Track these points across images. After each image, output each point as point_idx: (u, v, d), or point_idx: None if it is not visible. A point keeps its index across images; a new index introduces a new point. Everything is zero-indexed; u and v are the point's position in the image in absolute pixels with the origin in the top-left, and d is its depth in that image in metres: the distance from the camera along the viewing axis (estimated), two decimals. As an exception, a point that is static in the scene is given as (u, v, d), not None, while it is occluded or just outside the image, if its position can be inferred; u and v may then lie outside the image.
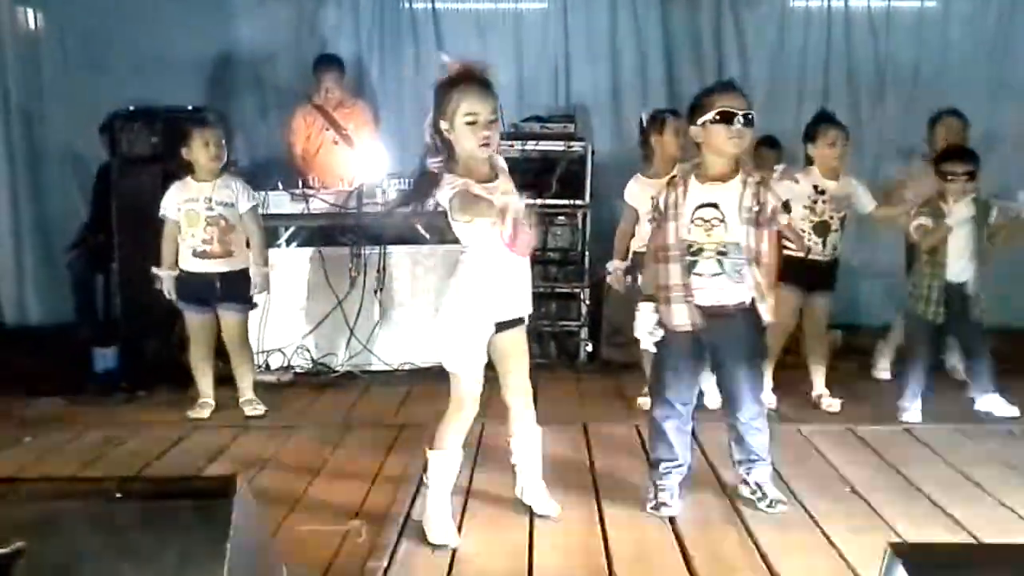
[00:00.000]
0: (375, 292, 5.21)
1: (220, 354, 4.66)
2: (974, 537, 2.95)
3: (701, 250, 3.13)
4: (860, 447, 4.01)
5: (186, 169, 4.50)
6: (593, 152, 5.75)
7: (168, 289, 4.48)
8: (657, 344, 3.24)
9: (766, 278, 3.19)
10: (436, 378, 4.51)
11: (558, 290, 5.73)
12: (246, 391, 4.62)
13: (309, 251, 5.36)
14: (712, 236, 3.12)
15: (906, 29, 6.70)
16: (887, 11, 6.70)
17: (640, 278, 4.36)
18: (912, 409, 4.38)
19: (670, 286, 3.17)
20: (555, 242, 5.75)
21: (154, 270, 4.48)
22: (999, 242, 4.40)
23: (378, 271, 5.27)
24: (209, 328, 4.55)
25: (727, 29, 6.75)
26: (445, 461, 3.08)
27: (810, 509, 3.25)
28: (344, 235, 5.32)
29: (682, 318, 3.16)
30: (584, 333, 5.71)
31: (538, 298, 5.59)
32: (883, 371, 5.24)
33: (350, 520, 3.12)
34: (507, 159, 5.41)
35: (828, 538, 2.99)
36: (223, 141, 4.49)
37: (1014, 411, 4.35)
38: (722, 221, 3.11)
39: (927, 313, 4.35)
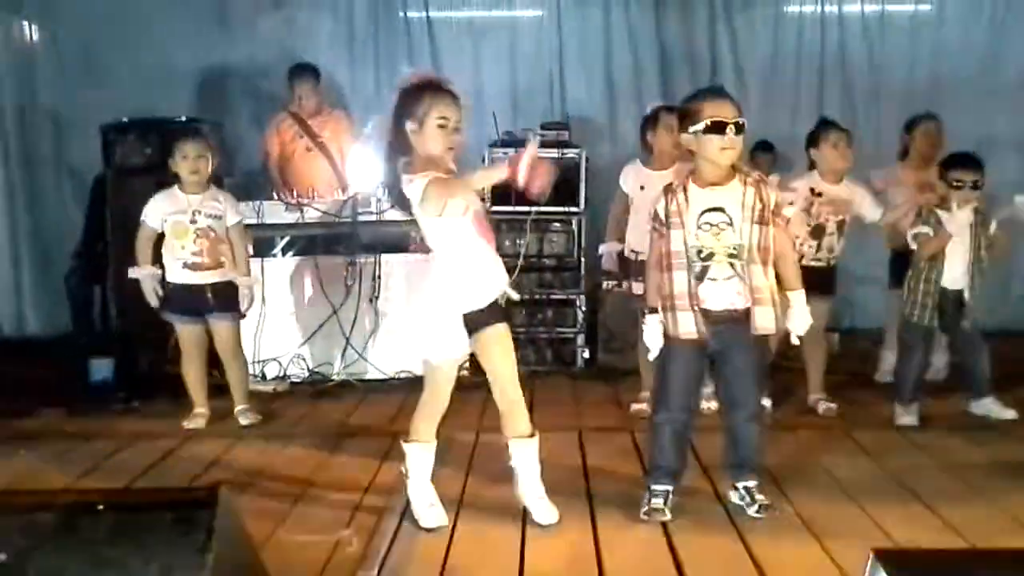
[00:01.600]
0: (371, 300, 5.21)
1: (215, 364, 4.66)
2: (967, 541, 2.95)
3: (712, 255, 3.12)
4: (856, 451, 4.00)
5: (175, 180, 4.51)
6: (587, 159, 5.75)
7: (151, 289, 4.43)
8: (661, 352, 3.24)
9: (790, 277, 3.20)
10: (415, 388, 4.54)
11: (554, 297, 5.74)
12: (241, 401, 4.62)
13: (304, 260, 5.36)
14: (722, 240, 3.11)
15: (900, 34, 6.72)
16: (881, 16, 6.73)
17: (635, 283, 4.38)
18: (908, 413, 4.37)
19: (675, 294, 3.15)
20: (551, 249, 5.76)
21: (131, 272, 4.46)
22: (996, 252, 4.38)
23: (373, 279, 5.27)
24: (201, 339, 4.56)
25: (721, 35, 6.77)
26: (420, 451, 3.24)
27: (805, 514, 3.24)
28: (339, 244, 5.32)
29: (688, 327, 3.14)
30: (580, 339, 5.71)
31: (534, 305, 5.67)
32: (887, 375, 5.21)
33: (341, 530, 3.11)
34: (502, 166, 5.59)
35: (822, 543, 2.98)
36: (206, 154, 4.48)
37: (1010, 414, 4.34)
38: (730, 224, 3.11)
39: (923, 318, 4.34)
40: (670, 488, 3.26)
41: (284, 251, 5.47)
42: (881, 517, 3.19)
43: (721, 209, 3.11)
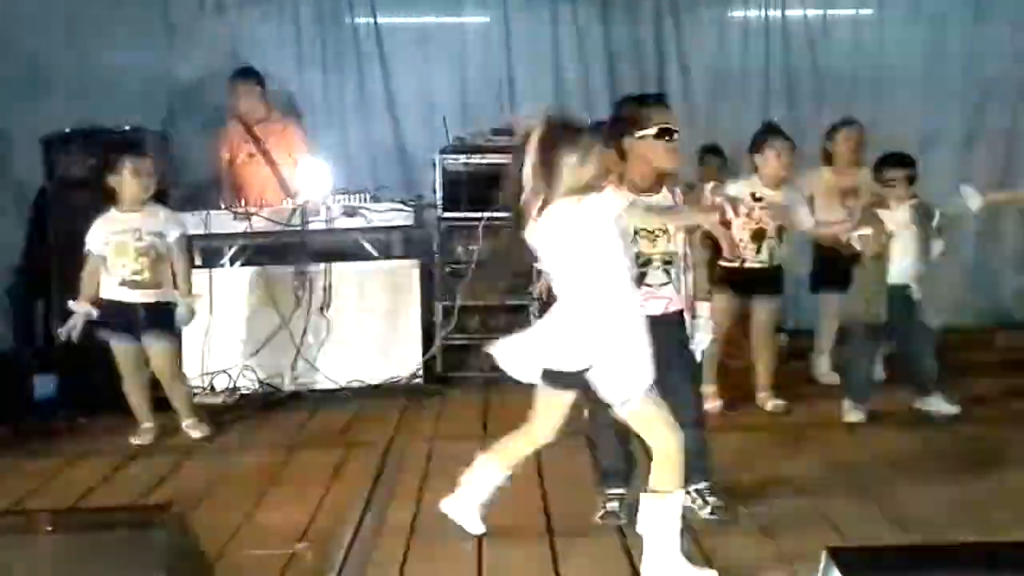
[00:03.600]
0: (321, 310, 5.16)
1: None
2: (916, 535, 2.99)
3: (649, 261, 3.17)
4: (806, 448, 4.05)
5: (110, 197, 4.41)
6: (539, 164, 5.75)
7: (74, 326, 4.33)
8: None
9: (701, 280, 3.28)
10: (384, 396, 4.54)
11: (507, 303, 5.72)
12: (188, 415, 4.54)
13: (253, 270, 5.30)
14: (657, 247, 3.17)
15: (842, 38, 6.84)
16: (823, 20, 6.83)
17: None
18: (856, 409, 4.44)
19: None
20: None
21: (71, 304, 4.37)
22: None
23: (324, 288, 5.22)
24: (137, 357, 4.46)
25: (668, 40, 6.83)
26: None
27: (757, 513, 3.27)
28: (289, 253, 5.26)
29: None
30: (535, 345, 5.69)
31: (487, 312, 5.66)
32: (825, 376, 5.30)
33: (296, 543, 3.08)
34: (452, 173, 5.59)
35: (775, 542, 3.01)
36: (152, 170, 4.41)
37: (954, 409, 4.43)
38: (664, 232, 3.17)
39: (872, 315, 4.42)
40: (623, 491, 3.28)
41: (232, 261, 5.40)
42: (832, 514, 3.24)
43: None
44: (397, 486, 3.69)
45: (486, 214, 5.47)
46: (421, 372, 5.34)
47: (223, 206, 5.33)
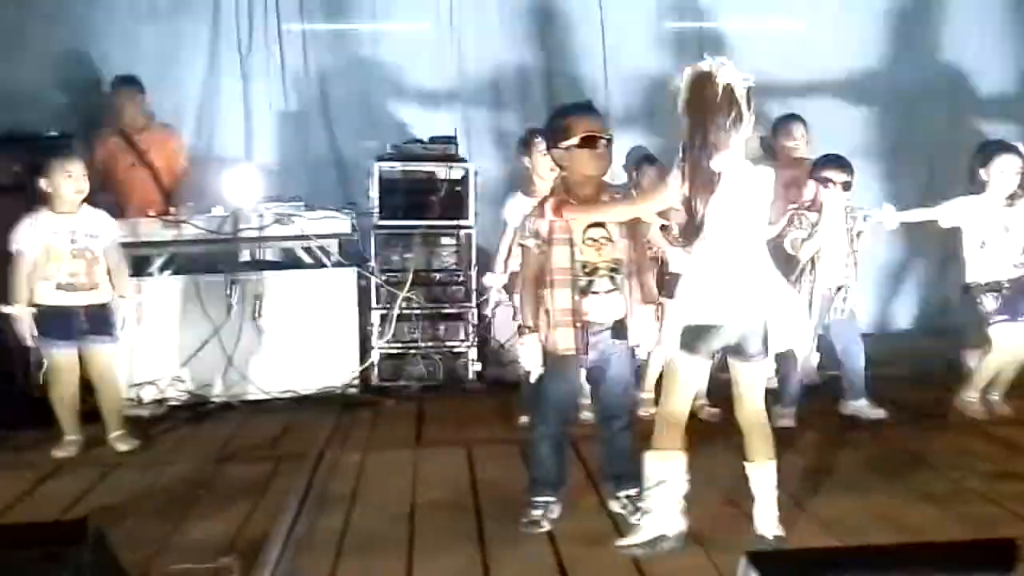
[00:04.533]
0: (253, 319, 5.07)
1: (87, 389, 4.45)
2: (841, 539, 3.05)
3: (596, 269, 3.20)
4: (737, 455, 4.06)
5: (42, 200, 4.31)
6: (476, 173, 5.75)
7: (25, 329, 4.25)
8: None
9: (645, 290, 3.28)
10: (318, 406, 4.48)
11: (444, 311, 5.70)
12: (116, 427, 4.43)
13: (183, 279, 5.20)
14: (603, 255, 3.21)
15: (773, 50, 6.95)
16: (754, 32, 6.94)
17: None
18: (787, 414, 4.51)
19: (558, 310, 3.19)
20: (440, 263, 5.72)
21: (4, 308, 4.25)
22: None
23: (255, 297, 5.14)
24: (74, 364, 4.35)
25: (605, 49, 6.87)
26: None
27: (688, 519, 3.28)
28: (220, 261, 5.17)
29: (567, 342, 3.19)
30: (472, 353, 5.68)
31: (424, 320, 5.63)
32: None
33: (221, 557, 3.01)
34: (389, 181, 5.56)
35: (704, 548, 3.03)
36: (86, 172, 4.33)
37: (880, 414, 4.52)
38: (609, 240, 3.20)
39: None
40: (551, 499, 3.29)
41: (162, 269, 5.30)
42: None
43: (602, 225, 3.20)
44: (327, 498, 3.64)
45: (423, 222, 5.47)
46: (356, 382, 5.29)
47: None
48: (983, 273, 4.48)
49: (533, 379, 3.27)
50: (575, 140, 3.13)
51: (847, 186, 4.46)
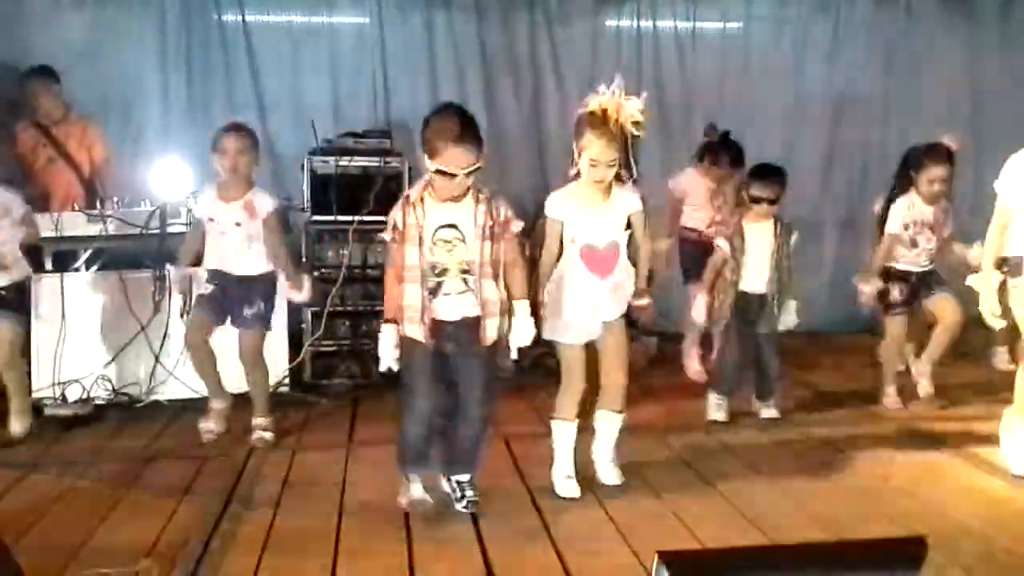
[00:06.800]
0: (181, 316, 4.95)
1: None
2: (768, 537, 3.08)
3: (447, 270, 3.21)
4: (670, 453, 4.11)
5: None
6: (411, 167, 5.69)
7: None
8: (399, 359, 3.25)
9: (515, 288, 3.28)
10: (247, 405, 4.38)
11: (379, 308, 5.61)
12: (19, 422, 4.33)
13: (108, 274, 5.06)
14: (454, 255, 3.21)
15: (711, 50, 7.02)
16: (692, 31, 7.00)
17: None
18: (720, 408, 4.56)
19: (407, 306, 3.21)
20: (374, 259, 5.64)
21: None
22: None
23: (184, 293, 5.01)
24: None
25: (542, 46, 6.88)
26: (563, 428, 3.58)
27: (618, 518, 3.30)
28: (147, 257, 5.04)
29: (416, 336, 3.22)
30: (405, 351, 5.61)
31: (358, 316, 5.56)
32: (696, 373, 5.45)
33: (141, 560, 2.94)
34: (322, 176, 5.47)
35: (631, 547, 3.04)
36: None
37: (773, 413, 4.61)
38: (462, 240, 3.20)
39: (726, 316, 4.54)
40: (425, 477, 3.36)
41: (87, 265, 5.16)
42: (689, 518, 3.30)
43: (454, 226, 3.20)
44: (253, 499, 3.58)
45: (357, 218, 5.39)
46: (287, 380, 5.21)
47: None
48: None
49: (383, 368, 3.28)
50: (432, 167, 3.13)
51: (773, 202, 4.47)
